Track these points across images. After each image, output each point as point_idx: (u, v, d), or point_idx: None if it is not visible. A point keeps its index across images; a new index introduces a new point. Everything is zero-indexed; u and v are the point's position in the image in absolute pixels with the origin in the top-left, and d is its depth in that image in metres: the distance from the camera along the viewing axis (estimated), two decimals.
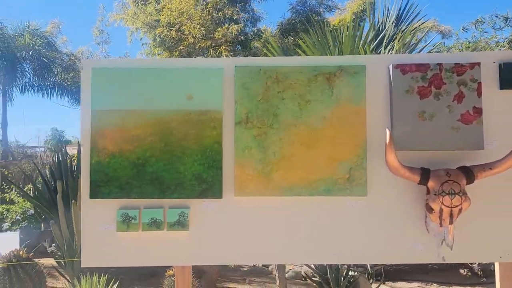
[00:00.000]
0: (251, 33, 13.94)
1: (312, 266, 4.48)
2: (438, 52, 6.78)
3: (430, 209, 2.11)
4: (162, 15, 12.09)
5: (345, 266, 4.26)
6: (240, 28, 12.40)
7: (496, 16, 7.25)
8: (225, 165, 2.28)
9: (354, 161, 2.24)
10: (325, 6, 14.81)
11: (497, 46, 6.95)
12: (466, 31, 8.13)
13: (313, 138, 2.25)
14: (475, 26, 7.49)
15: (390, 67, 2.25)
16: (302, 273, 5.47)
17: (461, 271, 6.97)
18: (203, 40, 11.75)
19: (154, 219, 2.24)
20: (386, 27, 5.81)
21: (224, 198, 2.27)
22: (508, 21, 7.26)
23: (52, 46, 16.23)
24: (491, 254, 2.24)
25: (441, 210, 2.06)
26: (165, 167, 2.25)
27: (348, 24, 5.05)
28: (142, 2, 13.54)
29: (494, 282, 2.32)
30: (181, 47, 12.02)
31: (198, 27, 11.63)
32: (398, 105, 2.23)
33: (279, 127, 2.26)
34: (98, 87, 2.28)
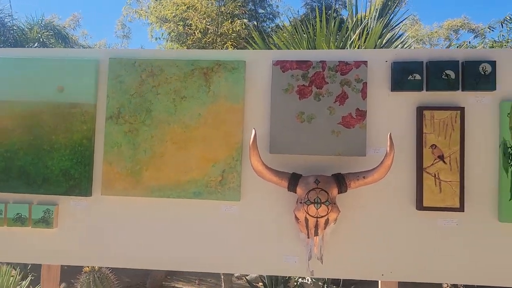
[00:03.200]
0: (269, 29, 13.91)
1: None
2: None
3: (296, 219, 1.94)
4: (168, 10, 12.08)
5: None
6: (244, 23, 12.30)
7: None
8: (96, 162, 2.17)
9: (228, 163, 2.09)
10: (341, 2, 14.61)
11: None
12: (493, 30, 7.70)
13: (186, 136, 2.12)
14: (502, 25, 7.06)
15: (271, 63, 2.09)
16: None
17: None
18: (209, 35, 11.68)
19: (19, 214, 2.16)
20: (366, 21, 5.58)
21: (93, 197, 2.17)
22: None
23: (65, 39, 16.45)
24: (373, 271, 2.05)
25: (306, 220, 1.89)
26: (33, 161, 2.16)
27: (321, 19, 4.87)
28: None
29: None
30: (189, 41, 11.99)
31: (204, 22, 11.54)
32: (276, 105, 2.07)
33: (152, 123, 2.13)
34: None
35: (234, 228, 2.10)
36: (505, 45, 6.65)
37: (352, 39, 5.26)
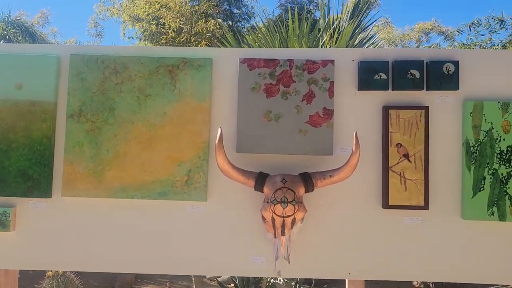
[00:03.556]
0: (244, 29, 13.95)
1: None
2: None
3: (263, 218, 1.91)
4: (141, 8, 11.89)
5: None
6: (219, 23, 12.24)
7: (492, 18, 6.96)
8: (56, 162, 2.09)
9: (194, 163, 2.04)
10: (315, 4, 14.73)
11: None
12: (461, 33, 7.85)
13: (151, 135, 2.06)
14: (470, 28, 7.22)
15: (238, 61, 2.06)
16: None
17: None
18: (183, 35, 11.53)
19: None
20: (337, 22, 5.62)
21: (53, 198, 2.08)
22: (503, 24, 6.96)
23: (33, 36, 15.93)
24: (339, 270, 2.05)
25: (273, 220, 1.87)
26: None
27: (294, 19, 4.89)
28: None
29: None
30: (162, 40, 11.81)
31: (178, 21, 11.39)
32: (243, 104, 2.04)
33: (115, 122, 2.07)
34: None
35: (201, 228, 2.06)
36: (473, 47, 6.82)
37: (323, 40, 5.30)
